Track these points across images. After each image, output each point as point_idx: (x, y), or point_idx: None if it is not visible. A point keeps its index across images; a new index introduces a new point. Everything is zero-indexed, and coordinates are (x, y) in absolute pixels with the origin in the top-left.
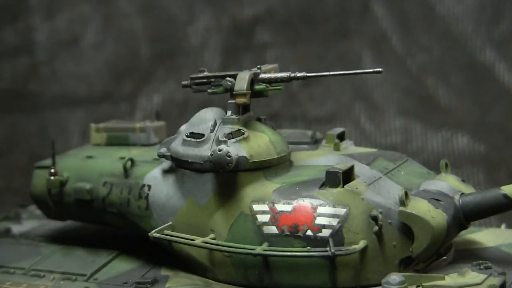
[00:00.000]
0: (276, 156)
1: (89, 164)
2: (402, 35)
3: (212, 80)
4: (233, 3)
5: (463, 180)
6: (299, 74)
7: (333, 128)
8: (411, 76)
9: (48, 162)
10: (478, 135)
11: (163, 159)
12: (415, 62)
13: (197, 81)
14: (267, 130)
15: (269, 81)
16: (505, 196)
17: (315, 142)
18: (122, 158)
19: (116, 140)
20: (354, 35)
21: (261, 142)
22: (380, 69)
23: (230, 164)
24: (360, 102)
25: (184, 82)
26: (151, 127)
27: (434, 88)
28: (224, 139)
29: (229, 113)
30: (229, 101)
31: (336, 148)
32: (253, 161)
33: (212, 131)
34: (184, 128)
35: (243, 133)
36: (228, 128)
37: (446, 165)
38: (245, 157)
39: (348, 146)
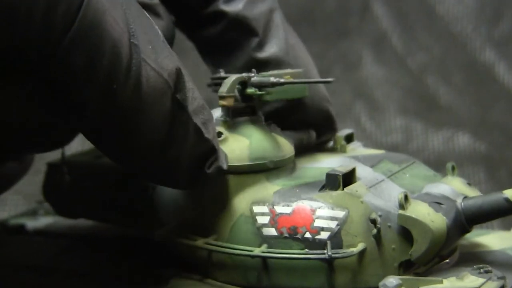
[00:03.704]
0: (247, 163)
1: (99, 163)
2: (402, 35)
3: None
4: None
5: (469, 184)
6: (282, 80)
7: (346, 128)
8: (411, 76)
9: (60, 160)
10: (478, 134)
11: None
12: (415, 62)
13: (214, 81)
14: (257, 135)
15: (258, 86)
16: (507, 200)
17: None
18: None
19: None
20: (354, 35)
21: (236, 147)
22: (331, 79)
23: None
24: (361, 101)
25: (209, 82)
26: None
27: (435, 88)
28: None
29: (219, 114)
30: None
31: (342, 149)
32: None
33: None
34: None
35: (219, 136)
36: None
37: (453, 168)
38: None
39: (356, 147)
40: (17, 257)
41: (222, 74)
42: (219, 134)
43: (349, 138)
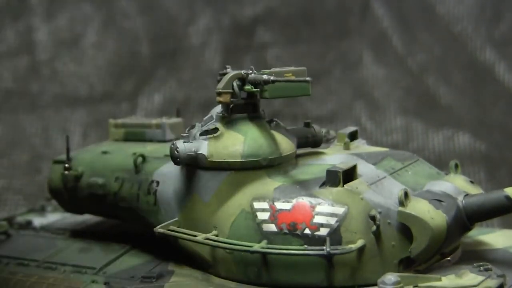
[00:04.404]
0: (239, 160)
1: (103, 160)
2: (402, 35)
3: None
4: (233, 3)
5: (471, 181)
6: (272, 78)
7: (346, 127)
8: (412, 75)
9: (64, 157)
10: (478, 134)
11: None
12: (416, 62)
13: (221, 77)
14: (253, 132)
15: (254, 83)
16: (508, 198)
17: (326, 141)
18: (135, 154)
19: (133, 136)
20: (354, 35)
21: (229, 143)
22: (308, 78)
23: (178, 159)
24: (361, 101)
25: (218, 78)
26: (167, 124)
27: (435, 87)
28: (198, 134)
29: (219, 110)
30: None
31: (346, 147)
32: (211, 160)
33: (203, 125)
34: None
35: (216, 132)
36: (212, 124)
37: (456, 165)
38: (204, 155)
39: (360, 145)
40: (21, 252)
41: (229, 70)
42: (215, 129)
43: (353, 136)
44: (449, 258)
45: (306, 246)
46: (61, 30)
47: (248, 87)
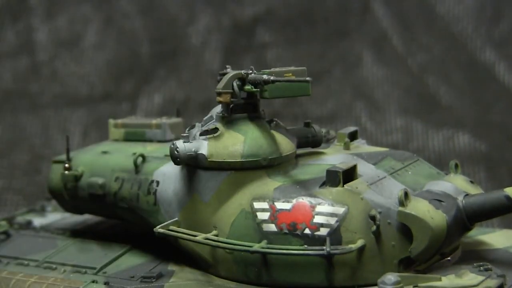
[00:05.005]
0: (239, 160)
1: (103, 160)
2: (402, 35)
3: None
4: (233, 3)
5: (471, 181)
6: (272, 78)
7: (346, 127)
8: (412, 76)
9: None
10: (479, 134)
11: None
12: (416, 62)
13: (221, 77)
14: (253, 132)
15: (254, 83)
16: (508, 198)
17: (326, 141)
18: (135, 154)
19: (133, 136)
20: (354, 35)
21: (230, 143)
22: (308, 78)
23: (178, 159)
24: (361, 101)
25: (218, 78)
26: (167, 124)
27: (435, 87)
28: (198, 134)
29: (219, 110)
30: None
31: (346, 147)
32: (211, 160)
33: (203, 125)
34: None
35: (216, 131)
36: (212, 124)
37: (456, 165)
38: (204, 155)
39: (360, 145)
40: (21, 252)
41: (229, 70)
42: (215, 129)
43: (353, 136)
44: (449, 258)
45: (306, 246)
46: (61, 30)
47: (248, 87)
